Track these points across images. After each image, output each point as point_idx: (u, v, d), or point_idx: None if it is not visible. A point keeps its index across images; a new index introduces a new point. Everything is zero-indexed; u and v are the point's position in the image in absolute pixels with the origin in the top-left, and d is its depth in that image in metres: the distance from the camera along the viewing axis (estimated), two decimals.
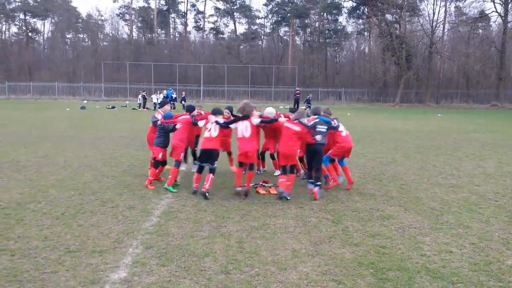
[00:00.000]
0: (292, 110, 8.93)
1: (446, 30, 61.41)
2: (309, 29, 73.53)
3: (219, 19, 77.11)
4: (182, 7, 76.33)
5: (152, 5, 73.88)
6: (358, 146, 12.26)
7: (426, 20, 57.97)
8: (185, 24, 77.66)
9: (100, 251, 5.11)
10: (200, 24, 77.86)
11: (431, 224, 6.42)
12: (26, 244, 5.30)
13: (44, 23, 75.58)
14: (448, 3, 58.85)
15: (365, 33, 70.64)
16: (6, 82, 54.61)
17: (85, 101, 45.77)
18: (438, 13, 60.73)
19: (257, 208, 7.13)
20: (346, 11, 69.08)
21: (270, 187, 8.49)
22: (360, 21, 69.81)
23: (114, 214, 6.63)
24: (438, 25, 58.56)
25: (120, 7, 75.57)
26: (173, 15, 77.07)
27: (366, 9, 63.71)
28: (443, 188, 8.81)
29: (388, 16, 57.19)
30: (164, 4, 74.51)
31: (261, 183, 8.65)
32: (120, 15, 76.08)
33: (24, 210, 6.72)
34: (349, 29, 72.08)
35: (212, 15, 77.49)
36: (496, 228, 6.26)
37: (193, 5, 76.32)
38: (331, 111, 8.93)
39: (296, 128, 7.76)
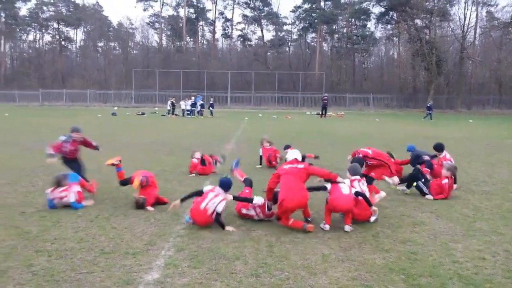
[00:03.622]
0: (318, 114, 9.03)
1: (477, 35, 60.22)
2: (336, 35, 73.38)
3: (246, 26, 77.89)
4: (210, 15, 77.49)
5: (181, 14, 75.15)
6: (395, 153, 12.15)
7: (457, 25, 57.02)
8: (213, 32, 78.68)
9: (134, 253, 5.23)
10: (228, 32, 78.82)
11: (463, 231, 6.31)
12: (63, 246, 5.47)
13: (76, 31, 77.83)
14: (479, 8, 57.80)
15: (394, 39, 69.91)
16: (40, 89, 56.34)
17: (116, 108, 46.73)
18: (469, 17, 59.46)
19: None
20: (374, 16, 68.67)
21: None
22: (389, 26, 69.18)
23: (146, 217, 6.77)
24: (469, 30, 57.51)
25: (150, 15, 77.31)
26: (201, 23, 78.30)
27: (395, 15, 63.09)
28: (476, 195, 8.64)
29: (418, 21, 56.48)
30: (193, 12, 75.69)
31: None
32: (150, 24, 77.73)
33: (59, 213, 6.93)
34: (378, 34, 71.68)
35: (239, 23, 78.38)
36: None
37: (221, 13, 77.48)
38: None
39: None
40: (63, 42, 75.76)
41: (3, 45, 74.24)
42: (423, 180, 8.55)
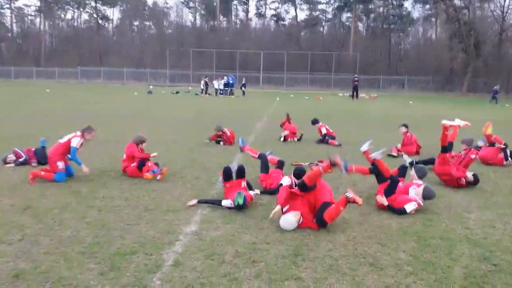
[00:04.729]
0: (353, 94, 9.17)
1: None
2: (372, 15, 72.20)
3: (280, 6, 77.49)
4: None
5: None
6: (418, 132, 12.40)
7: (497, 6, 55.16)
8: (247, 11, 78.72)
9: (173, 211, 5.89)
10: (262, 11, 78.68)
11: (479, 204, 6.68)
12: (111, 203, 6.19)
13: (113, 10, 79.35)
14: None
15: (432, 19, 68.27)
16: (78, 67, 58.07)
17: (151, 86, 47.81)
18: None
19: None
20: None
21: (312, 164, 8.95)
22: (427, 6, 67.58)
23: (183, 182, 7.44)
24: (509, 11, 55.58)
25: None
26: (235, 2, 78.34)
27: None
28: (498, 173, 8.92)
29: (457, 2, 55.01)
30: None
31: (316, 162, 9.14)
32: (185, 3, 78.37)
33: (106, 177, 7.69)
34: (415, 14, 70.21)
35: (273, 2, 77.99)
36: None
37: None
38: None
39: None
40: (100, 21, 77.52)
41: (43, 23, 76.66)
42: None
